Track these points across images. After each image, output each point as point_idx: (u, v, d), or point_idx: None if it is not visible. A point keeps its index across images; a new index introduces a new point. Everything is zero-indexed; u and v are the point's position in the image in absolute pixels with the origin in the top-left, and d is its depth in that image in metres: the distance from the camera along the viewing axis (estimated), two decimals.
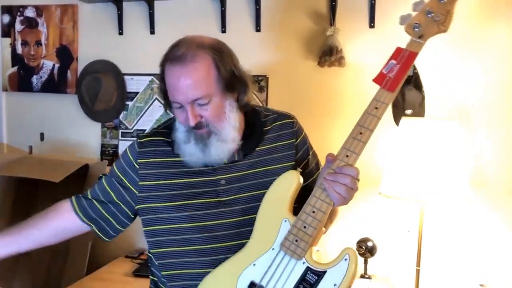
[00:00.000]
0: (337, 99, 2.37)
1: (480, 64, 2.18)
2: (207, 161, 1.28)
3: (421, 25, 1.20)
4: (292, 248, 1.18)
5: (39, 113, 2.90)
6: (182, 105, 1.24)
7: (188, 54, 1.22)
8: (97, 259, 2.62)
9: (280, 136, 1.39)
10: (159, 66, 1.32)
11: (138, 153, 1.35)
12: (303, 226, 1.18)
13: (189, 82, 1.21)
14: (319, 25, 2.36)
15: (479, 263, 2.19)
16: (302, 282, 1.16)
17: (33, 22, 2.86)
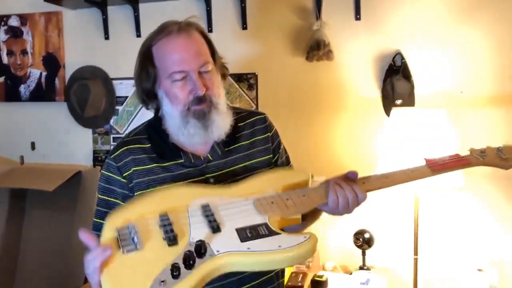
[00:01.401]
0: (327, 93, 2.37)
1: (465, 53, 2.19)
2: (209, 137, 1.26)
3: (486, 154, 1.33)
4: (264, 205, 1.15)
5: (29, 123, 2.88)
6: (186, 76, 1.21)
7: (184, 27, 1.24)
8: None
9: (255, 132, 1.37)
10: (142, 54, 1.27)
11: (118, 167, 1.26)
12: (286, 198, 1.17)
13: (195, 49, 1.22)
14: (305, 20, 2.36)
15: (476, 248, 2.21)
16: (252, 229, 1.10)
17: (17, 31, 2.84)
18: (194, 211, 1.14)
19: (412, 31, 2.24)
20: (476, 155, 1.33)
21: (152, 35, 1.27)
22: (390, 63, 2.24)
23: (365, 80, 2.32)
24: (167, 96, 1.24)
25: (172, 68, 1.21)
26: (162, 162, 1.26)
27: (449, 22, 2.20)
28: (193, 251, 1.02)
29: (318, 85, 2.38)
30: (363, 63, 2.32)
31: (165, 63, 1.22)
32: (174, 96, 1.23)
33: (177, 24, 1.25)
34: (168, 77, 1.22)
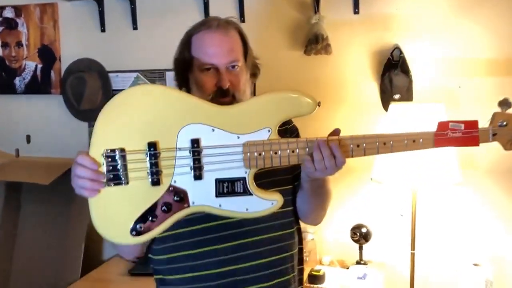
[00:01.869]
0: (325, 87, 2.36)
1: (464, 47, 2.18)
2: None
3: (507, 125, 1.18)
4: (250, 154, 1.16)
5: (24, 115, 2.86)
6: (214, 68, 1.28)
7: (223, 24, 1.33)
8: (91, 260, 2.61)
9: None
10: (183, 41, 1.37)
11: None
12: (274, 151, 1.17)
13: (227, 46, 1.30)
14: (303, 13, 2.34)
15: (472, 243, 2.22)
16: (229, 183, 1.16)
17: (12, 22, 2.80)
18: (182, 147, 1.16)
19: (411, 25, 2.23)
20: (490, 130, 1.18)
21: (195, 26, 1.37)
22: (389, 57, 2.23)
23: (363, 75, 2.31)
24: (196, 83, 1.32)
25: (204, 59, 1.29)
26: None
27: (448, 17, 2.19)
28: (172, 200, 1.14)
29: (316, 79, 2.37)
30: (361, 57, 2.31)
31: (199, 54, 1.30)
32: (201, 85, 1.30)
33: (217, 20, 1.34)
34: (199, 66, 1.30)
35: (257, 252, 1.29)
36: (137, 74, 2.64)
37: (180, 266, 1.31)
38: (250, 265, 1.28)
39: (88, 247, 2.52)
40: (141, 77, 2.63)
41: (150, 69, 2.61)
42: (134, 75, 2.64)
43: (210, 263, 1.28)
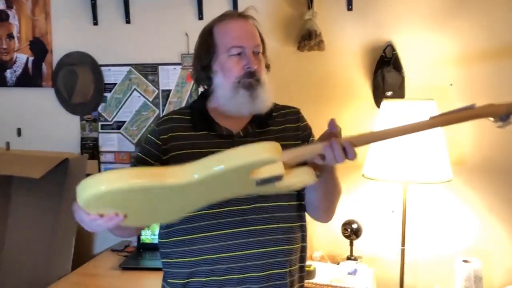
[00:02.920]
0: (318, 83, 2.36)
1: (456, 45, 2.19)
2: (255, 108, 1.36)
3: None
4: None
5: (15, 108, 2.83)
6: (241, 53, 1.35)
7: (244, 14, 1.42)
8: (82, 254, 2.60)
9: (287, 121, 1.47)
10: (204, 33, 1.42)
11: (158, 131, 1.41)
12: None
13: (252, 31, 1.40)
14: (297, 9, 2.34)
15: (462, 239, 2.24)
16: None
17: (3, 14, 2.78)
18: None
19: (404, 22, 2.24)
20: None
21: (215, 19, 1.43)
22: (381, 54, 2.24)
23: (356, 71, 2.32)
24: (222, 69, 1.37)
25: (231, 43, 1.35)
26: (196, 131, 1.39)
27: (441, 14, 2.20)
28: None
29: (308, 75, 2.37)
30: (354, 54, 2.32)
31: (225, 39, 1.37)
32: (228, 69, 1.36)
33: (237, 13, 1.44)
34: (226, 52, 1.35)
35: (255, 241, 1.30)
36: (129, 68, 2.63)
37: (179, 250, 1.34)
38: (246, 253, 1.30)
39: (79, 241, 2.51)
40: (133, 71, 2.62)
41: (143, 63, 2.60)
42: (127, 69, 2.63)
43: (208, 249, 1.30)
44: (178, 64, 2.55)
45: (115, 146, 2.69)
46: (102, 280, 2.23)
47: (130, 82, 2.63)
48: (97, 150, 2.72)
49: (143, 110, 2.63)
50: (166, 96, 2.59)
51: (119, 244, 2.55)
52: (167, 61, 2.56)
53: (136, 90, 2.63)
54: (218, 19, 1.43)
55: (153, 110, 2.62)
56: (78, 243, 2.49)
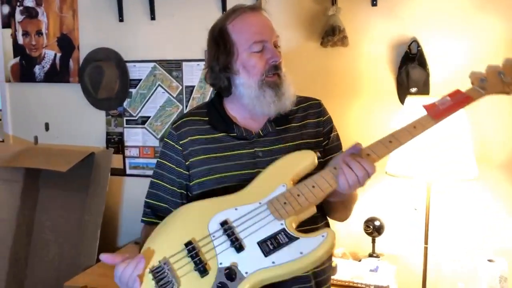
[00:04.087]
0: (341, 79, 2.35)
1: (482, 41, 2.15)
2: (281, 107, 1.34)
3: (487, 80, 1.26)
4: (277, 207, 1.20)
5: (43, 103, 2.90)
6: (263, 46, 1.33)
7: (256, 6, 1.40)
8: (107, 246, 2.65)
9: (308, 115, 1.45)
10: (218, 33, 1.37)
11: (177, 136, 1.39)
12: (297, 194, 1.20)
13: (269, 23, 1.37)
14: (320, 4, 2.33)
15: (487, 238, 2.20)
16: (272, 239, 1.17)
17: (33, 11, 2.85)
18: (215, 231, 1.21)
19: (429, 18, 2.20)
20: (476, 88, 1.27)
21: (224, 17, 1.39)
22: (406, 50, 2.22)
23: (380, 67, 2.30)
24: (244, 67, 1.34)
25: (252, 39, 1.32)
26: (215, 133, 1.37)
27: (466, 10, 2.16)
28: (225, 281, 1.13)
29: (332, 71, 2.36)
30: (379, 50, 2.30)
31: (244, 36, 1.33)
32: (252, 66, 1.33)
33: (248, 7, 1.39)
34: (247, 48, 1.33)
35: None
36: (154, 64, 2.66)
37: None
38: None
39: (103, 233, 2.56)
40: (158, 67, 2.65)
41: (167, 59, 2.63)
42: (151, 65, 2.66)
43: None
44: (201, 60, 2.57)
45: (139, 141, 2.73)
46: None
47: (154, 78, 2.67)
48: (122, 144, 2.76)
49: (167, 105, 2.66)
50: (189, 92, 2.62)
51: None
52: (191, 57, 2.58)
53: (160, 86, 2.66)
54: (228, 16, 1.37)
55: (176, 106, 2.64)
56: (103, 235, 2.54)
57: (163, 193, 1.40)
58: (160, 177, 1.41)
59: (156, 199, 1.41)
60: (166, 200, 1.40)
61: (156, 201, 1.40)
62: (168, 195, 1.39)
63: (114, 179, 2.74)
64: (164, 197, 1.40)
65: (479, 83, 1.26)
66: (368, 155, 1.22)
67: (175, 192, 1.39)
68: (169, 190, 1.39)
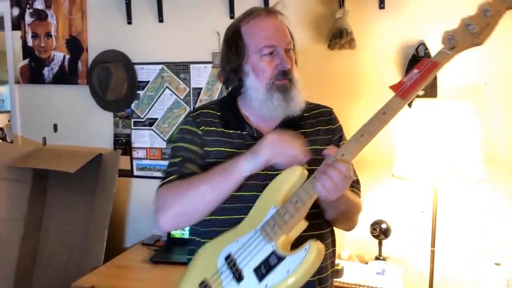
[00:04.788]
0: (348, 82, 2.35)
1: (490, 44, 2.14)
2: (289, 111, 1.35)
3: (455, 37, 1.19)
4: (268, 231, 1.22)
5: (52, 105, 2.93)
6: (273, 52, 1.32)
7: (271, 11, 1.38)
8: (114, 247, 2.66)
9: (319, 122, 1.45)
10: (232, 33, 1.37)
11: (196, 123, 1.39)
12: (283, 213, 1.21)
13: (282, 28, 1.37)
14: (328, 7, 2.34)
15: (494, 242, 2.19)
16: (264, 263, 1.19)
17: (42, 14, 2.87)
18: (221, 266, 1.26)
19: (436, 21, 2.20)
20: (443, 51, 1.19)
21: (240, 18, 1.39)
22: (413, 53, 2.22)
23: (387, 70, 2.30)
24: (254, 70, 1.35)
25: (263, 43, 1.32)
26: (227, 130, 1.38)
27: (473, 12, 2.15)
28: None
29: (339, 74, 2.37)
30: (386, 53, 2.30)
31: (255, 39, 1.34)
32: (261, 70, 1.33)
33: (265, 9, 1.40)
34: (258, 52, 1.33)
35: None
36: (162, 66, 2.68)
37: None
38: None
39: (111, 234, 2.57)
40: (165, 69, 2.67)
41: (175, 62, 2.65)
42: (159, 67, 2.68)
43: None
44: (209, 62, 2.58)
45: (147, 143, 2.75)
46: (133, 273, 2.28)
47: (162, 80, 2.68)
48: (130, 146, 2.78)
49: (174, 107, 2.67)
50: (197, 94, 2.63)
51: (149, 238, 2.60)
52: (199, 59, 2.60)
53: (168, 88, 2.68)
54: (244, 17, 1.38)
55: (184, 108, 2.66)
56: (110, 236, 2.55)
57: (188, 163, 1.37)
58: (185, 151, 1.38)
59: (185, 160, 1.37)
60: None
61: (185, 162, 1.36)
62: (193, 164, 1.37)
63: (122, 180, 2.75)
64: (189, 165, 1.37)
65: (447, 44, 1.20)
66: (342, 155, 1.18)
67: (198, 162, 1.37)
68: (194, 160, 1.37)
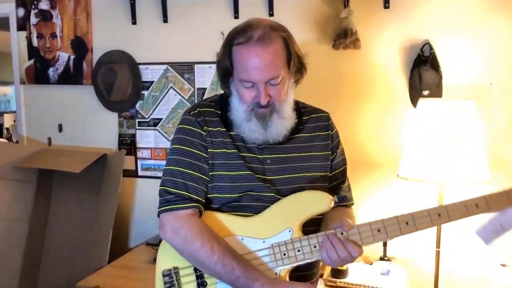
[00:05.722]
0: (353, 81, 2.35)
1: (496, 44, 2.14)
2: (268, 137, 1.33)
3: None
4: (277, 254, 1.25)
5: (57, 105, 2.93)
6: (254, 84, 1.28)
7: (265, 36, 1.26)
8: (118, 247, 2.67)
9: (318, 127, 1.45)
10: (224, 46, 1.33)
11: (199, 122, 1.36)
12: (297, 249, 1.25)
13: (267, 62, 1.26)
14: (333, 7, 2.33)
15: (500, 243, 2.17)
16: None
17: (47, 14, 2.88)
18: None
19: (442, 20, 2.19)
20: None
21: (238, 31, 1.31)
22: (419, 53, 2.21)
23: (392, 70, 2.29)
24: (236, 92, 1.34)
25: (243, 76, 1.29)
26: (228, 131, 1.37)
27: (479, 12, 2.15)
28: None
29: (344, 74, 2.36)
30: (391, 53, 2.29)
31: (238, 68, 1.30)
32: (241, 96, 1.32)
33: (261, 29, 1.28)
34: (239, 80, 1.31)
35: None
36: (166, 66, 2.68)
37: None
38: None
39: (115, 234, 2.58)
40: (170, 69, 2.67)
41: (179, 62, 2.65)
42: (164, 67, 2.68)
43: None
44: (213, 62, 2.57)
45: (151, 143, 2.75)
46: (137, 273, 2.28)
47: (166, 80, 2.69)
48: (134, 146, 2.78)
49: (179, 108, 2.68)
50: (201, 94, 2.63)
51: (154, 239, 2.61)
52: (203, 59, 2.60)
53: (172, 88, 2.68)
54: (239, 35, 1.29)
55: None
56: (114, 236, 2.56)
57: (190, 181, 1.33)
58: (183, 164, 1.33)
59: (184, 189, 1.32)
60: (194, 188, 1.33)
61: (184, 191, 1.32)
62: (195, 183, 1.33)
63: (126, 181, 2.76)
64: (191, 185, 1.33)
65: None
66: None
67: (201, 179, 1.34)
68: (195, 176, 1.33)
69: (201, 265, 1.27)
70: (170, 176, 1.33)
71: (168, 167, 1.35)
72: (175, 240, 1.28)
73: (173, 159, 1.35)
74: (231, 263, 1.23)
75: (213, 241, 1.25)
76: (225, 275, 1.23)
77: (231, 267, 1.22)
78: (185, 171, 1.32)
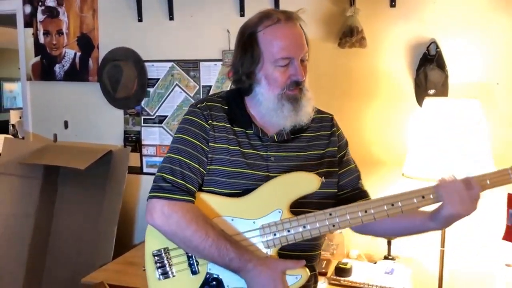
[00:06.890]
0: (359, 80, 2.34)
1: (503, 43, 2.13)
2: (298, 121, 1.35)
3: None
4: (268, 237, 1.26)
5: (63, 102, 2.95)
6: (289, 62, 1.31)
7: (291, 16, 1.33)
8: (123, 243, 2.68)
9: (322, 127, 1.45)
10: (246, 39, 1.33)
11: (205, 116, 1.36)
12: (287, 230, 1.26)
13: (301, 37, 1.33)
14: (338, 5, 2.33)
15: (504, 243, 2.17)
16: None
17: (54, 11, 2.89)
18: None
19: (448, 19, 2.19)
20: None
21: (256, 21, 1.34)
22: (424, 51, 2.20)
23: (398, 69, 2.29)
24: (266, 79, 1.33)
25: (279, 54, 1.30)
26: (233, 126, 1.37)
27: (486, 11, 2.14)
28: (209, 286, 1.27)
29: (349, 72, 2.36)
30: (397, 51, 2.28)
31: (272, 49, 1.30)
32: (274, 80, 1.32)
33: (283, 14, 1.34)
34: (273, 62, 1.30)
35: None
36: (172, 64, 2.68)
37: None
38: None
39: (120, 231, 2.59)
40: (175, 67, 2.67)
41: (185, 59, 2.66)
42: (169, 64, 2.69)
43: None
44: (219, 60, 2.58)
45: (156, 140, 2.76)
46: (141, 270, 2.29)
47: (172, 78, 2.69)
48: (140, 143, 2.79)
49: (184, 105, 2.68)
50: (206, 92, 2.63)
51: None
52: (209, 57, 2.60)
53: (178, 85, 2.69)
54: (262, 21, 1.32)
55: None
56: (119, 232, 2.57)
57: (188, 171, 1.32)
58: (183, 153, 1.33)
59: (181, 178, 1.32)
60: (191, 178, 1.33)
61: (181, 180, 1.31)
62: (193, 173, 1.33)
63: (131, 177, 2.77)
64: (188, 175, 1.32)
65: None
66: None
67: (198, 171, 1.33)
68: (194, 167, 1.33)
69: (194, 250, 1.27)
70: (170, 164, 1.34)
71: (168, 155, 1.36)
72: (167, 225, 1.27)
73: (175, 147, 1.36)
74: (225, 245, 1.24)
75: (208, 226, 1.26)
76: (219, 258, 1.24)
77: (225, 250, 1.23)
78: (184, 160, 1.33)
